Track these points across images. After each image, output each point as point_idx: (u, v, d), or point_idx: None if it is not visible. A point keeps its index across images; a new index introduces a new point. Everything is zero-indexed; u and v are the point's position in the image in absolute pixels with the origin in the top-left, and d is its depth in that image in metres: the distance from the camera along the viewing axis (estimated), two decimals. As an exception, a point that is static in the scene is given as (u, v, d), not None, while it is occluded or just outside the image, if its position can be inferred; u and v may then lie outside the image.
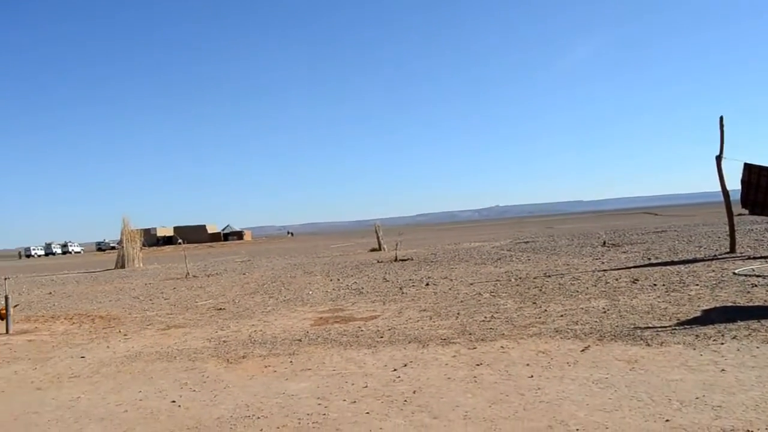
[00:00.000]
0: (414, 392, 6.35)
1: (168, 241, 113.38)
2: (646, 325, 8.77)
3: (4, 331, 12.66)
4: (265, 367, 8.00)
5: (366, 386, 6.73)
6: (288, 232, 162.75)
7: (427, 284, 16.00)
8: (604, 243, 27.36)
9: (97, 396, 7.18)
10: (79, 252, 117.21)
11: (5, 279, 17.12)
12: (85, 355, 9.70)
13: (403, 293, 14.54)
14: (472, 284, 15.30)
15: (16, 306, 14.46)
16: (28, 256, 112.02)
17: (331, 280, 19.18)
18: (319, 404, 6.17)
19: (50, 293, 22.62)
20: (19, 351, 10.55)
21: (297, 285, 18.41)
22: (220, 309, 14.08)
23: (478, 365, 7.30)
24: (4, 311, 12.94)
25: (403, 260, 25.99)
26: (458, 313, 11.08)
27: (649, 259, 18.31)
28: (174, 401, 6.66)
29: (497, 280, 15.66)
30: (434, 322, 10.45)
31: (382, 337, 9.42)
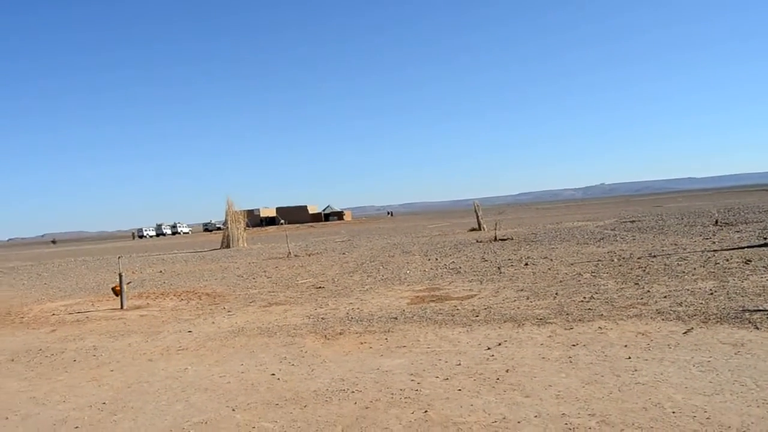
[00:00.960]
0: (507, 371, 6.32)
1: (271, 221, 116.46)
2: (756, 308, 8.37)
3: (119, 307, 13.43)
4: (361, 343, 8.15)
5: (459, 364, 6.75)
6: (388, 212, 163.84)
7: (526, 264, 15.80)
8: (716, 222, 26.11)
9: (203, 368, 7.53)
10: (187, 233, 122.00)
11: (119, 258, 18.16)
12: (192, 330, 10.17)
13: (501, 273, 14.42)
14: (572, 264, 15.00)
15: (129, 283, 15.27)
16: (141, 236, 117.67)
17: (429, 260, 19.23)
18: (412, 380, 6.25)
19: (161, 272, 23.72)
20: (133, 325, 11.17)
21: (395, 264, 18.57)
22: (320, 287, 14.40)
23: (573, 345, 7.19)
24: (118, 288, 13.72)
25: (502, 240, 25.71)
26: (556, 293, 10.91)
27: (765, 238, 17.36)
28: (273, 374, 6.91)
29: (599, 260, 15.26)
30: (531, 302, 10.33)
31: (477, 316, 9.40)
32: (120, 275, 13.79)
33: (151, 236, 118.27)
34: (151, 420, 5.68)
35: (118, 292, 13.74)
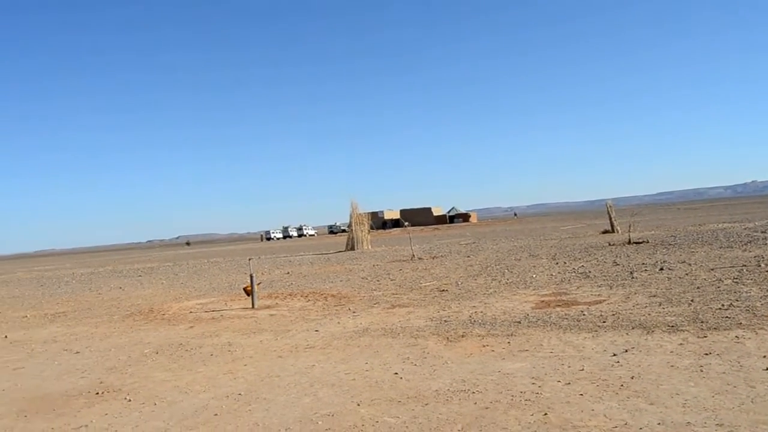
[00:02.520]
0: (632, 378, 6.21)
1: (395, 223, 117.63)
2: None
3: (250, 306, 14.11)
4: (483, 346, 8.22)
5: (582, 369, 6.69)
6: (513, 214, 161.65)
7: (661, 269, 15.22)
8: None
9: (329, 365, 7.85)
10: (312, 235, 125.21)
11: (249, 260, 19.04)
12: (318, 329, 10.58)
13: (633, 278, 13.99)
14: (712, 269, 14.29)
15: (259, 284, 16.00)
16: (269, 239, 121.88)
17: (556, 263, 18.90)
18: (533, 383, 6.27)
19: (288, 273, 24.62)
20: (263, 323, 11.73)
21: (521, 268, 18.40)
22: (443, 290, 14.53)
23: (706, 354, 6.94)
24: (249, 288, 14.42)
25: (637, 243, 24.78)
26: (692, 300, 10.49)
27: None
28: (396, 373, 7.11)
29: (744, 266, 14.44)
30: (663, 308, 10.01)
31: (604, 322, 9.23)
32: (251, 276, 14.50)
33: (278, 238, 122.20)
34: (282, 410, 6.02)
35: (249, 292, 14.44)
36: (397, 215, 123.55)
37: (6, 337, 12.70)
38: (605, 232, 35.65)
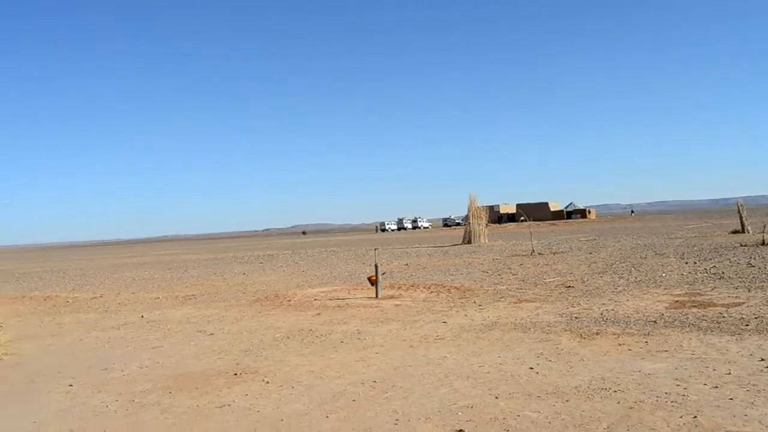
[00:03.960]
0: (789, 384, 5.83)
1: (510, 218, 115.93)
2: None
3: (374, 296, 14.28)
4: (619, 344, 7.95)
5: (729, 373, 6.35)
6: (631, 211, 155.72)
7: (801, 272, 14.27)
8: None
9: (461, 357, 7.82)
10: (427, 227, 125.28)
11: (375, 249, 19.30)
12: (446, 321, 10.56)
13: (772, 281, 13.18)
14: None
15: (383, 274, 16.17)
16: (383, 230, 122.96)
17: (686, 263, 18.07)
18: (678, 385, 6.00)
19: (406, 264, 24.77)
20: (390, 313, 11.84)
21: (648, 266, 17.71)
22: (569, 286, 14.19)
23: None
24: (374, 278, 14.60)
25: (771, 244, 23.32)
26: (842, 305, 9.76)
27: None
28: (532, 368, 6.99)
29: None
30: (812, 313, 9.36)
31: (747, 325, 8.73)
32: (376, 266, 14.67)
33: (392, 230, 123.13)
34: (420, 400, 6.05)
35: (373, 281, 14.61)
36: (513, 209, 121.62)
37: (143, 316, 13.42)
38: (735, 232, 33.78)
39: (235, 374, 7.65)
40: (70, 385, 7.62)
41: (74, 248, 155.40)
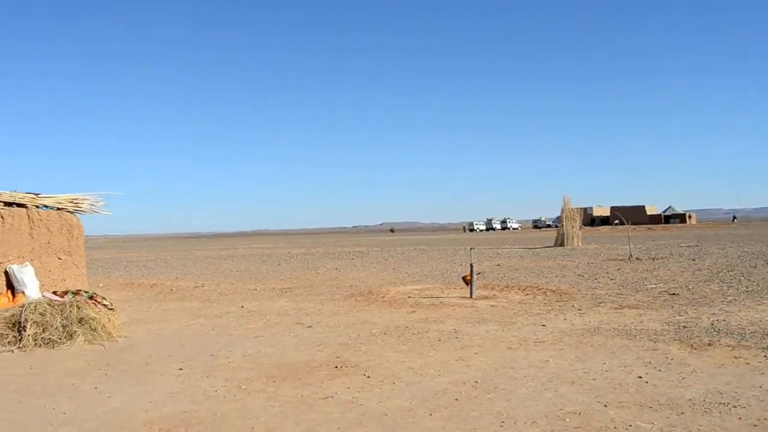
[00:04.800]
0: None
1: (604, 221, 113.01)
2: None
3: (468, 295, 14.17)
4: (735, 357, 7.58)
5: None
6: (732, 217, 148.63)
7: None
8: None
9: (563, 361, 7.65)
10: (516, 228, 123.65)
11: (471, 249, 19.16)
12: (545, 324, 10.37)
13: None
14: None
15: (479, 274, 16.03)
16: (471, 230, 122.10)
17: (802, 274, 17.08)
18: (806, 405, 5.67)
19: (498, 265, 24.52)
20: (485, 314, 11.73)
21: (759, 275, 16.82)
22: (674, 294, 13.66)
23: None
24: (469, 277, 14.49)
25: None
26: None
27: None
28: (640, 377, 6.76)
29: None
30: None
31: None
32: (471, 266, 14.56)
33: (481, 230, 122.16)
34: (524, 403, 5.95)
35: (468, 281, 14.51)
36: (607, 212, 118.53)
37: (243, 306, 13.79)
38: None
39: (336, 367, 7.74)
40: (180, 369, 7.90)
41: (170, 239, 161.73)
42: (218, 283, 19.76)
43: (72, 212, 16.15)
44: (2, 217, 14.36)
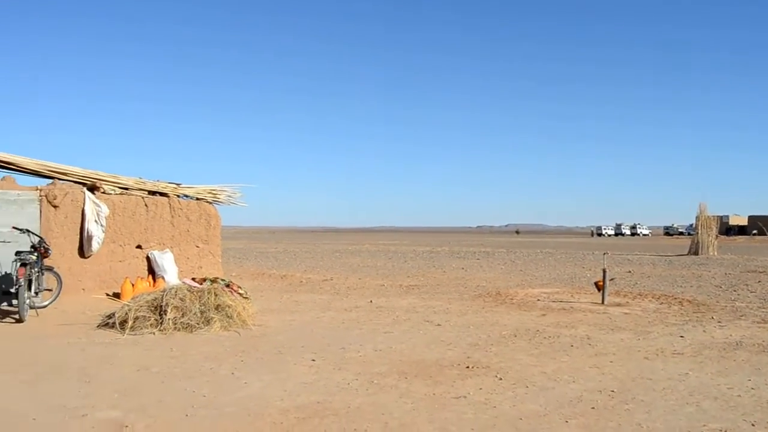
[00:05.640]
0: None
1: (741, 230, 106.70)
2: None
3: (600, 302, 13.77)
4: None
5: None
6: None
7: None
8: None
9: (705, 375, 7.31)
10: (646, 234, 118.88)
11: (604, 254, 18.60)
12: (683, 335, 9.92)
13: None
14: None
15: (612, 280, 15.54)
16: (599, 234, 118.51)
17: None
18: None
19: (629, 272, 23.66)
20: (618, 321, 11.37)
21: None
22: (826, 311, 12.72)
23: None
24: (601, 283, 14.07)
25: None
26: None
27: None
28: (795, 398, 6.36)
29: None
30: None
31: None
32: (604, 271, 14.15)
33: (609, 235, 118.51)
34: (665, 416, 5.74)
35: (600, 286, 14.09)
36: (744, 221, 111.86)
37: (371, 301, 14.02)
38: None
39: (467, 367, 7.75)
40: (313, 360, 8.15)
41: (297, 232, 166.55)
42: (346, 277, 20.20)
43: (210, 203, 17.05)
44: (146, 206, 15.38)
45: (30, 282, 11.11)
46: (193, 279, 13.56)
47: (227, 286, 12.45)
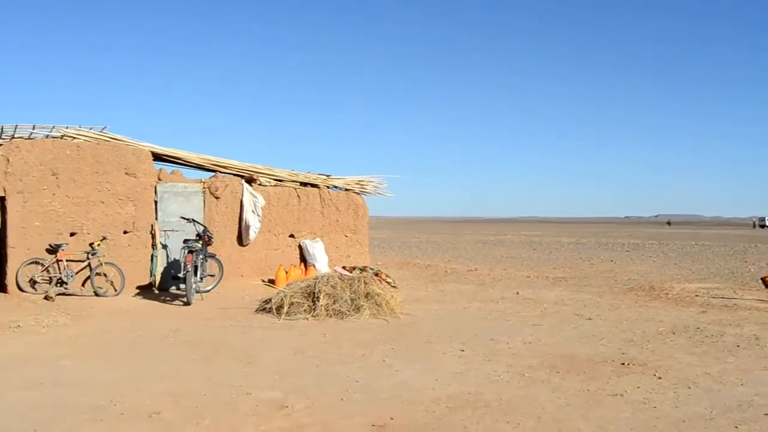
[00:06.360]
0: None
1: None
2: None
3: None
4: None
5: None
6: None
7: None
8: None
9: None
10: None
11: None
12: None
13: None
14: None
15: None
16: (763, 226, 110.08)
17: None
18: None
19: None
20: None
21: None
22: None
23: None
24: (768, 278, 13.07)
25: None
26: None
27: None
28: None
29: None
30: None
31: None
32: (772, 266, 13.14)
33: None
34: None
35: (768, 283, 13.11)
36: None
37: (518, 293, 13.80)
38: None
39: (623, 364, 7.45)
40: (462, 350, 8.14)
41: (437, 222, 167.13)
42: (491, 268, 20.01)
43: (358, 193, 17.43)
44: (299, 197, 15.96)
45: (196, 268, 11.88)
46: (344, 267, 13.91)
47: (376, 275, 12.69)
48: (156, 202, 13.33)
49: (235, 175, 14.86)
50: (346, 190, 17.16)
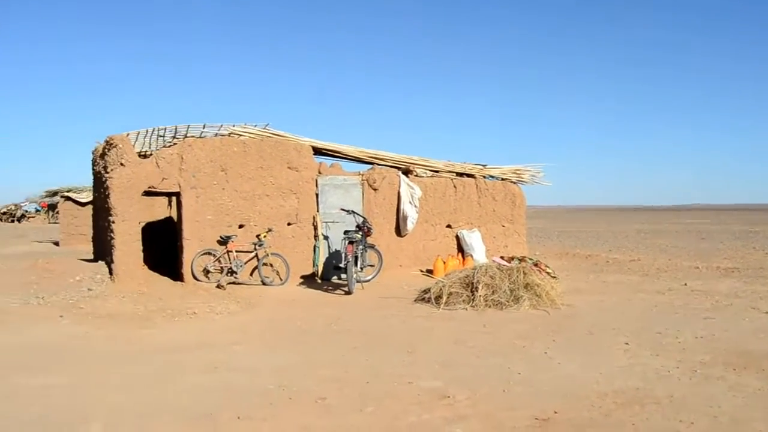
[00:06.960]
0: None
1: None
2: None
3: None
4: None
5: None
6: None
7: None
8: None
9: None
10: None
11: None
12: None
13: None
14: None
15: None
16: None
17: None
18: None
19: None
20: None
21: None
22: None
23: None
24: None
25: None
26: None
27: None
28: None
29: None
30: None
31: None
32: None
33: None
34: None
35: None
36: None
37: (686, 284, 13.09)
38: None
39: (807, 363, 6.91)
40: (626, 344, 7.88)
41: (593, 211, 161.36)
42: (654, 258, 19.10)
43: (514, 182, 17.24)
44: (455, 187, 16.02)
45: (356, 258, 12.28)
46: (502, 257, 13.84)
47: (535, 265, 12.53)
48: (317, 195, 13.89)
49: (391, 167, 15.17)
50: (503, 179, 17.03)
